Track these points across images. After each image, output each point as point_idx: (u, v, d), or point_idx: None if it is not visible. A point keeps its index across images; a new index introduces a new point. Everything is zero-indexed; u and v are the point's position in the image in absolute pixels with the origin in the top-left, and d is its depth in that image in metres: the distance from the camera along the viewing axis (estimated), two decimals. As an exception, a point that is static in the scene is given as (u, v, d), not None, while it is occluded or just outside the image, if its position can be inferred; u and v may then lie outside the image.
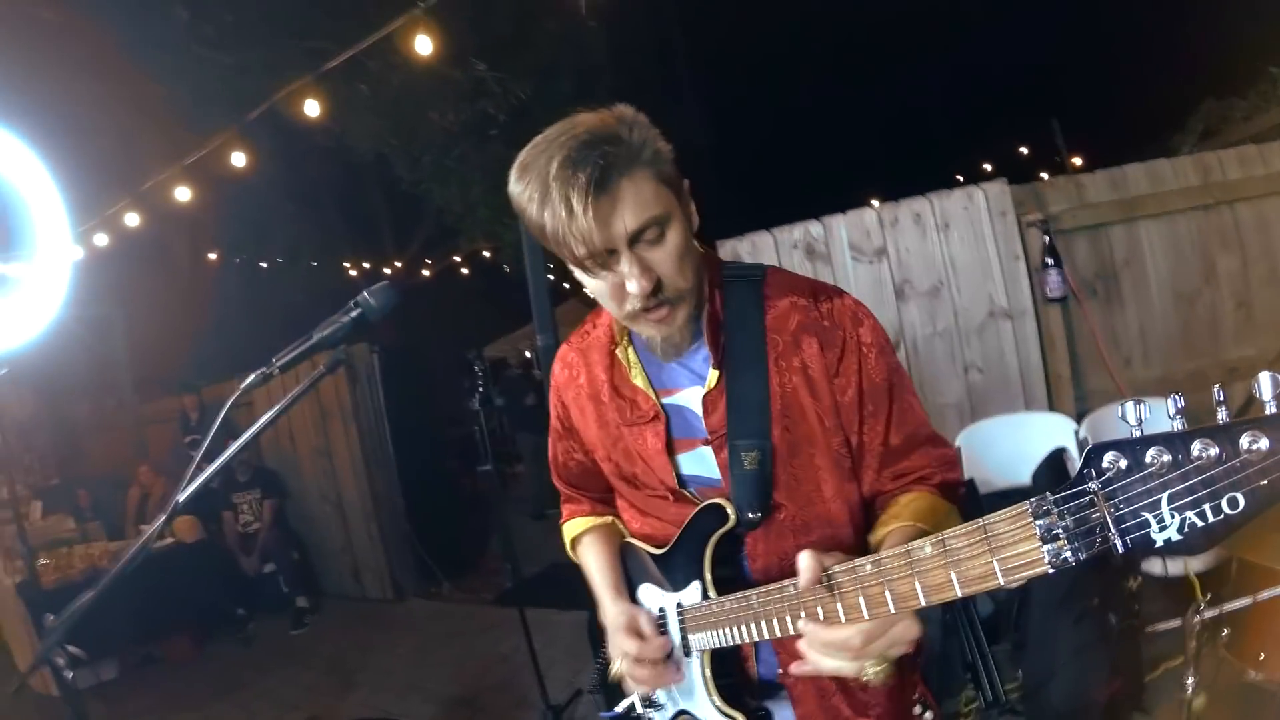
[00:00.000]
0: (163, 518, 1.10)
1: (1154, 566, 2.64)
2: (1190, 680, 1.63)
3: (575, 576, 1.30)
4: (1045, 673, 2.66)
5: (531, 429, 7.87)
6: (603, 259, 0.95)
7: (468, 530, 6.61)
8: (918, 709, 1.16)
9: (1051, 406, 3.38)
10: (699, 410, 1.10)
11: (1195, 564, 2.26)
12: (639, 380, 1.13)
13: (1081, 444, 3.17)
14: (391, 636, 4.95)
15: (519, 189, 0.95)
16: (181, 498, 1.08)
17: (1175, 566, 2.50)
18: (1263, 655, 1.77)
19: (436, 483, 6.17)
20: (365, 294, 1.17)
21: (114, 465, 6.65)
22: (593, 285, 1.02)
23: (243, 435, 1.17)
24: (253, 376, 1.13)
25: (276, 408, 1.13)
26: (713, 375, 1.08)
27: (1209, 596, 1.62)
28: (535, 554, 5.93)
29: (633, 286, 0.95)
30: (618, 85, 8.45)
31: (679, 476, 1.13)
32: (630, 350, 1.15)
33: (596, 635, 1.25)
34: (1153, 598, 2.45)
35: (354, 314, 1.16)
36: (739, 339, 1.08)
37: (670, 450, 1.13)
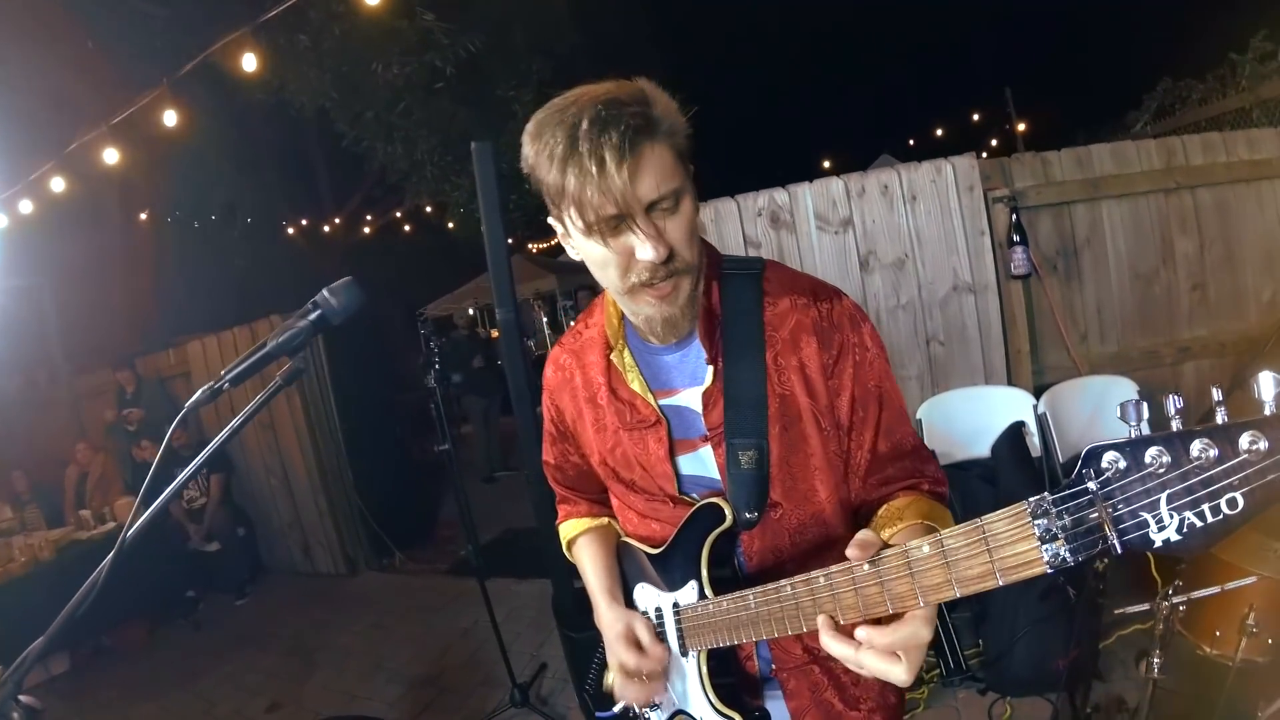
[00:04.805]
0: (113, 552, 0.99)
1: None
2: (1157, 662, 1.69)
3: (531, 544, 1.26)
4: (1006, 642, 2.73)
5: (479, 391, 7.78)
6: (614, 224, 0.91)
7: (418, 499, 6.51)
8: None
9: (1011, 380, 3.43)
10: (699, 409, 1.08)
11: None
12: (636, 385, 1.11)
13: (1040, 418, 3.23)
14: (347, 613, 4.87)
15: (536, 147, 0.91)
16: (130, 532, 0.98)
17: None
18: (1218, 633, 1.84)
19: (385, 452, 6.00)
20: (325, 292, 1.05)
21: (50, 443, 6.33)
22: (595, 255, 0.97)
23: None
24: (201, 393, 1.02)
25: (229, 427, 1.02)
26: (710, 371, 1.06)
27: (1177, 583, 1.66)
28: (488, 520, 5.90)
29: (647, 252, 0.92)
30: (574, 39, 8.17)
31: (679, 480, 1.12)
32: (626, 353, 1.12)
33: (560, 609, 1.23)
34: (1113, 572, 2.52)
35: (313, 316, 1.04)
36: (736, 334, 1.06)
37: (672, 453, 1.11)
